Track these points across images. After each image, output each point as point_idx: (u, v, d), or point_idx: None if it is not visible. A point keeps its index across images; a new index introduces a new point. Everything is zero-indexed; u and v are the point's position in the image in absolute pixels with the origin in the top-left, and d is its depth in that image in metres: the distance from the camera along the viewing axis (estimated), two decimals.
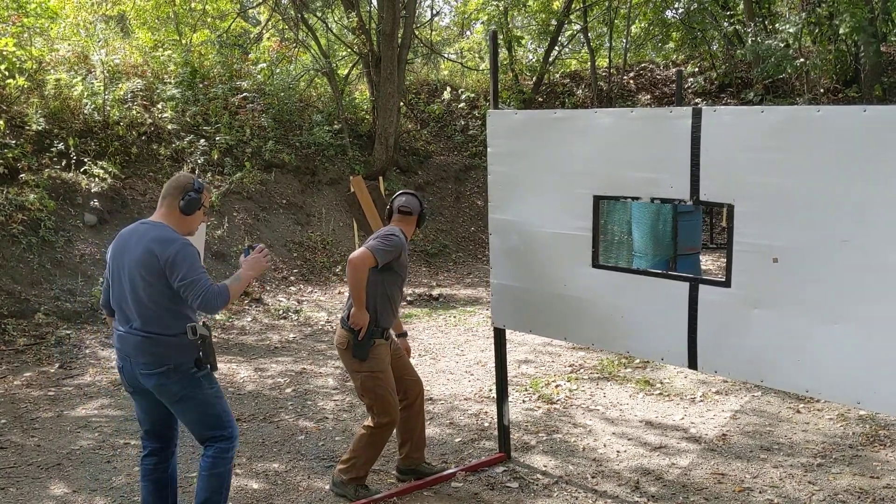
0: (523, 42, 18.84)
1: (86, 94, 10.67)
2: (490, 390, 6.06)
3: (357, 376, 4.16)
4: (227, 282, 3.45)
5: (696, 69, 17.49)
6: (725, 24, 17.13)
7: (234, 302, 3.61)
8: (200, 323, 3.46)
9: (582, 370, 6.66)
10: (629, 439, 5.07)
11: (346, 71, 15.71)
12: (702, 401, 5.76)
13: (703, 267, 9.84)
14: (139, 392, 3.52)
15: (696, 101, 15.99)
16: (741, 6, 17.26)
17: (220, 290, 3.35)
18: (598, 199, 4.01)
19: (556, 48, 18.21)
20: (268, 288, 9.88)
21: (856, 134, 3.11)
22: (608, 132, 3.93)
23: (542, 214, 4.26)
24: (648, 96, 17.29)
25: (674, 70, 17.65)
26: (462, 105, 16.61)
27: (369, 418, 4.22)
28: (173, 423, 3.66)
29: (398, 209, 4.24)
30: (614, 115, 4.02)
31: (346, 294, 4.42)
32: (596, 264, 4.07)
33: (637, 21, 18.63)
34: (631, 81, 17.90)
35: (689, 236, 8.50)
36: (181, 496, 4.10)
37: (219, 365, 4.30)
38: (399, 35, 13.57)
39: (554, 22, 17.49)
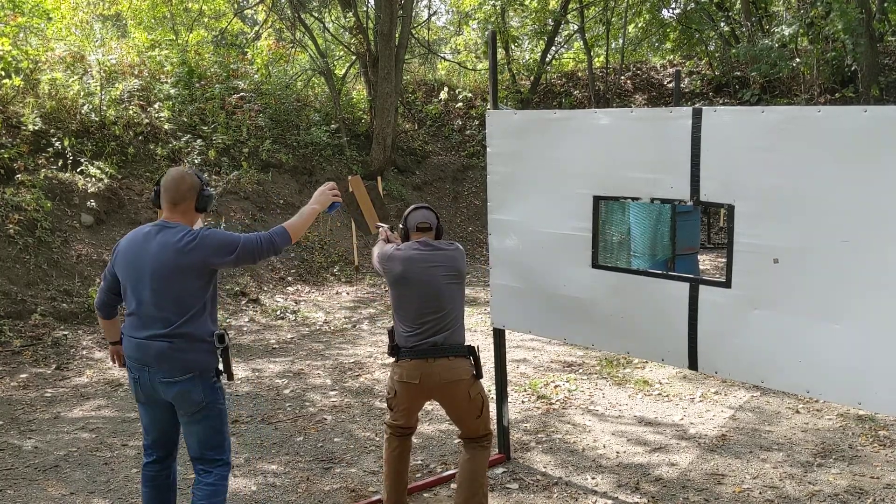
0: (520, 42, 18.84)
1: (82, 93, 10.64)
2: (489, 391, 6.05)
3: (479, 397, 3.82)
4: (287, 221, 3.48)
5: (694, 69, 17.49)
6: (722, 23, 17.15)
7: (298, 240, 3.70)
8: (221, 331, 3.40)
9: (581, 370, 6.65)
10: (629, 439, 5.07)
11: (343, 71, 15.68)
12: (701, 401, 5.76)
13: (701, 267, 9.84)
14: (152, 403, 3.41)
15: (694, 101, 15.99)
16: (738, 5, 17.28)
17: (273, 234, 3.38)
18: (597, 200, 4.00)
19: (553, 48, 18.21)
20: (265, 288, 9.86)
21: (856, 134, 3.11)
22: (608, 132, 3.92)
23: (542, 215, 4.24)
24: (645, 96, 17.30)
25: (670, 70, 17.67)
26: (459, 105, 16.60)
27: (481, 440, 3.87)
28: (178, 429, 3.58)
29: (417, 227, 3.92)
30: (614, 116, 4.00)
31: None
32: (596, 264, 4.06)
33: (633, 20, 18.63)
34: (628, 81, 17.90)
35: (688, 236, 8.51)
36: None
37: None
38: (396, 35, 13.56)
39: (551, 22, 17.48)
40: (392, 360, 3.88)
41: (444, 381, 3.71)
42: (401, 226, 4.02)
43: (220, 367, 3.39)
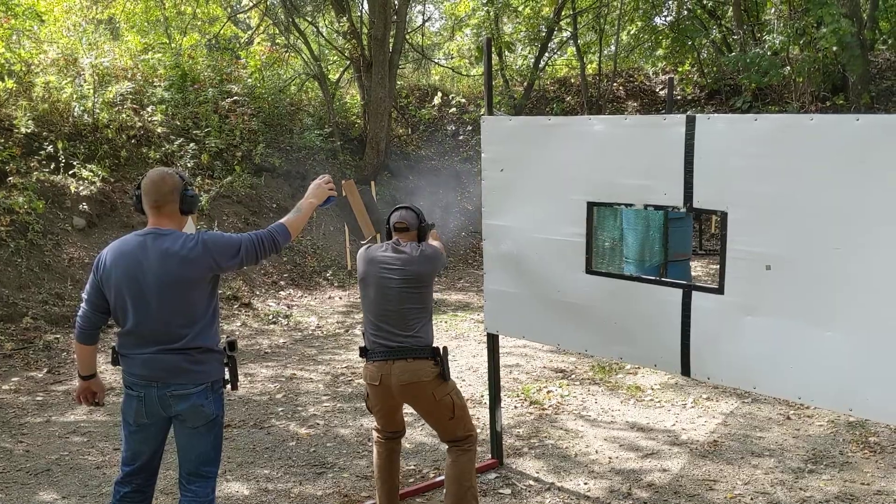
0: (513, 48, 18.88)
1: (75, 96, 10.61)
2: (482, 396, 6.05)
3: (448, 398, 3.77)
4: (285, 218, 3.36)
5: (686, 76, 17.58)
6: (714, 31, 17.24)
7: (295, 238, 3.57)
8: (233, 338, 3.28)
9: (573, 376, 6.66)
10: (621, 445, 5.08)
11: (336, 75, 15.70)
12: (693, 406, 5.78)
13: (692, 273, 9.88)
14: (154, 422, 3.19)
15: (686, 108, 16.07)
16: (730, 13, 17.38)
17: (273, 231, 3.26)
18: (591, 206, 4.03)
19: (546, 54, 18.26)
20: (257, 293, 9.85)
21: (848, 142, 3.14)
22: (602, 139, 3.95)
23: (536, 220, 4.26)
24: (637, 103, 17.37)
25: (662, 77, 17.75)
26: (453, 110, 16.62)
27: (461, 443, 3.85)
28: (162, 452, 3.37)
29: (394, 226, 3.91)
30: (608, 122, 4.03)
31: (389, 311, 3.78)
32: (589, 270, 4.08)
33: (626, 27, 18.70)
34: (620, 88, 17.97)
35: (680, 242, 8.54)
36: None
37: None
38: (390, 40, 13.58)
39: (544, 28, 17.53)
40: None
41: (401, 383, 3.70)
42: (386, 225, 4.04)
43: (227, 376, 3.27)
